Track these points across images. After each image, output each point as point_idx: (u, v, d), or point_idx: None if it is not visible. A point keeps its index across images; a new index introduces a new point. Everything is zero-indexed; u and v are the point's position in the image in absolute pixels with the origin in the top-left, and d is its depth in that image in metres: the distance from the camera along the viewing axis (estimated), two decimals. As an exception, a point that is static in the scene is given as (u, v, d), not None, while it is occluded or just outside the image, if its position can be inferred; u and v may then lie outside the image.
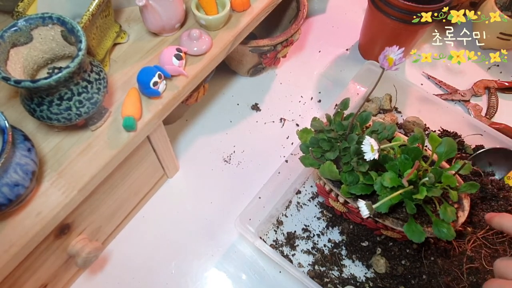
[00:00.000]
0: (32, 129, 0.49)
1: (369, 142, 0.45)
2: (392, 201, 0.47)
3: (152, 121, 0.52)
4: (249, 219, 0.61)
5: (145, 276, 0.62)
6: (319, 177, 0.57)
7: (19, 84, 0.38)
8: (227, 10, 0.57)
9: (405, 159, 0.48)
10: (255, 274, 0.63)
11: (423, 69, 0.87)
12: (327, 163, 0.50)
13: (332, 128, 0.53)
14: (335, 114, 0.55)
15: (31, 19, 0.42)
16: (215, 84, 0.82)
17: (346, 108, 0.55)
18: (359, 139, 0.49)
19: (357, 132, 0.52)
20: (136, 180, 0.61)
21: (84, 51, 0.41)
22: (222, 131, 0.77)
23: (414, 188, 0.48)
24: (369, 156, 0.45)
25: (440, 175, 0.48)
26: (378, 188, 0.48)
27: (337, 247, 0.63)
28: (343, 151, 0.51)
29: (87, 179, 0.46)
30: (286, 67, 0.86)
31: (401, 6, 0.68)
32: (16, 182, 0.39)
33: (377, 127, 0.53)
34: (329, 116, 0.55)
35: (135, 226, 0.66)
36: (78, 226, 0.53)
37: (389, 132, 0.52)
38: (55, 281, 0.56)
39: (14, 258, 0.42)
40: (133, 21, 0.60)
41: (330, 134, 0.52)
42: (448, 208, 0.48)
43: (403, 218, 0.53)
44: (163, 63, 0.53)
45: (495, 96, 0.81)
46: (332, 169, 0.50)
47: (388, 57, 0.42)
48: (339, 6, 0.98)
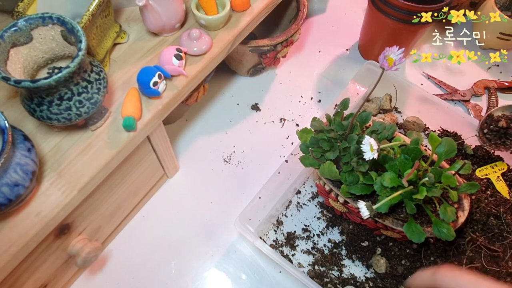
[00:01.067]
0: (32, 129, 0.49)
1: (368, 142, 0.45)
2: (392, 201, 0.47)
3: (152, 121, 0.52)
4: (249, 219, 0.61)
5: (145, 276, 0.62)
6: (319, 177, 0.57)
7: (19, 84, 0.38)
8: (227, 10, 0.57)
9: (405, 159, 0.48)
10: (255, 274, 0.63)
11: (423, 69, 0.87)
12: (327, 163, 0.50)
13: (332, 128, 0.53)
14: (335, 114, 0.55)
15: (31, 19, 0.42)
16: (215, 84, 0.82)
17: (346, 108, 0.55)
18: (359, 139, 0.49)
19: (357, 132, 0.52)
20: (136, 180, 0.61)
21: (84, 51, 0.41)
22: (222, 131, 0.77)
23: (414, 188, 0.48)
24: (368, 156, 0.45)
25: (440, 175, 0.48)
26: (378, 188, 0.48)
27: (337, 247, 0.63)
28: (343, 151, 0.51)
29: (87, 179, 0.46)
30: (286, 67, 0.86)
31: (401, 6, 0.68)
32: (16, 182, 0.39)
33: (377, 127, 0.53)
34: (329, 116, 0.55)
35: (135, 226, 0.66)
36: (78, 226, 0.53)
37: (389, 132, 0.52)
38: (55, 281, 0.56)
39: (14, 258, 0.42)
40: (133, 21, 0.60)
41: (330, 134, 0.52)
42: (448, 208, 0.48)
43: (403, 218, 0.53)
44: (163, 63, 0.53)
45: (495, 96, 0.81)
46: (332, 169, 0.50)
47: (388, 57, 0.42)
48: (339, 6, 0.98)
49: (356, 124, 0.52)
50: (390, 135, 0.53)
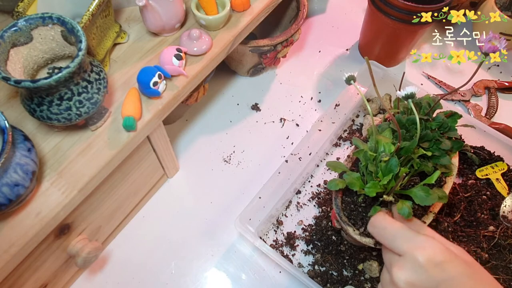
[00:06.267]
0: (32, 129, 0.49)
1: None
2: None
3: (152, 121, 0.52)
4: (249, 219, 0.61)
5: (145, 276, 0.62)
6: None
7: (19, 84, 0.38)
8: (227, 10, 0.57)
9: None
10: (255, 274, 0.63)
11: (423, 69, 0.87)
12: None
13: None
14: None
15: (31, 19, 0.42)
16: (215, 84, 0.82)
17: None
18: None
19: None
20: (136, 180, 0.61)
21: (84, 51, 0.41)
22: (222, 131, 0.77)
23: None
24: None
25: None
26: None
27: (337, 247, 0.63)
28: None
29: (87, 179, 0.46)
30: (286, 67, 0.86)
31: (401, 6, 0.68)
32: (16, 182, 0.39)
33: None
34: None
35: (135, 226, 0.66)
36: (78, 226, 0.53)
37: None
38: (55, 281, 0.56)
39: (14, 258, 0.42)
40: (133, 21, 0.60)
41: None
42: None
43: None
44: (163, 63, 0.53)
45: (495, 96, 0.81)
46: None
47: (492, 43, 0.43)
48: (339, 6, 0.98)
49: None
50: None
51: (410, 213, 0.43)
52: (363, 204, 0.50)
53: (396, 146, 0.46)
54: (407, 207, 0.43)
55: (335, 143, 0.75)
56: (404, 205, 0.44)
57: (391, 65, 0.86)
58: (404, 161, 0.48)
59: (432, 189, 0.47)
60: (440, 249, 0.38)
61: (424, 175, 0.49)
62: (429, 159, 0.49)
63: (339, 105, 0.73)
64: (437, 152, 0.48)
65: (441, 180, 0.51)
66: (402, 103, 0.55)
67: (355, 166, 0.54)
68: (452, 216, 0.62)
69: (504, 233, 0.60)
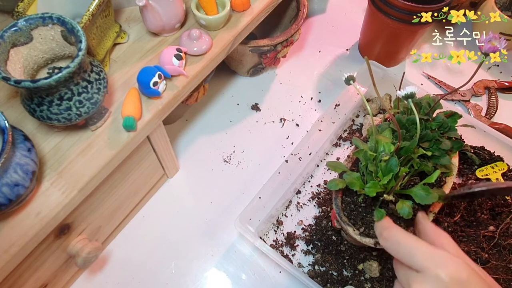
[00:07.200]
0: (32, 129, 0.49)
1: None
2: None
3: (152, 121, 0.52)
4: (249, 219, 0.61)
5: (145, 276, 0.62)
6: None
7: (19, 84, 0.38)
8: (227, 10, 0.57)
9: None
10: (255, 274, 0.63)
11: (423, 69, 0.87)
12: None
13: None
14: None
15: (31, 19, 0.42)
16: (215, 84, 0.82)
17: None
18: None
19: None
20: (136, 180, 0.61)
21: (84, 51, 0.41)
22: (222, 131, 0.77)
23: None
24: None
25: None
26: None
27: (337, 247, 0.63)
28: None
29: (87, 179, 0.46)
30: (286, 67, 0.86)
31: (401, 6, 0.68)
32: (16, 182, 0.39)
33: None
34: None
35: (135, 226, 0.66)
36: (78, 226, 0.53)
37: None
38: (55, 281, 0.56)
39: (14, 258, 0.42)
40: (133, 21, 0.60)
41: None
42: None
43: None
44: (163, 63, 0.53)
45: (495, 96, 0.81)
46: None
47: (492, 42, 0.43)
48: (339, 6, 0.98)
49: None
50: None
51: (410, 213, 0.43)
52: (363, 204, 0.50)
53: (396, 146, 0.46)
54: (407, 207, 0.44)
55: (335, 143, 0.75)
56: (404, 204, 0.44)
57: (391, 65, 0.86)
58: (404, 161, 0.48)
59: (432, 189, 0.47)
60: (464, 267, 0.37)
61: (424, 175, 0.49)
62: (429, 159, 0.49)
63: (339, 105, 0.73)
64: (437, 152, 0.48)
65: (441, 180, 0.51)
66: (402, 103, 0.55)
67: (355, 166, 0.54)
68: (452, 216, 0.62)
69: (504, 233, 0.60)
